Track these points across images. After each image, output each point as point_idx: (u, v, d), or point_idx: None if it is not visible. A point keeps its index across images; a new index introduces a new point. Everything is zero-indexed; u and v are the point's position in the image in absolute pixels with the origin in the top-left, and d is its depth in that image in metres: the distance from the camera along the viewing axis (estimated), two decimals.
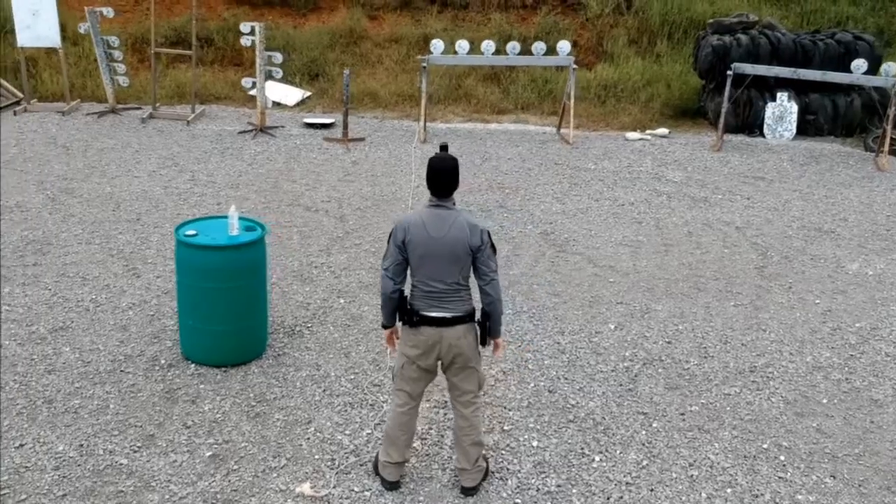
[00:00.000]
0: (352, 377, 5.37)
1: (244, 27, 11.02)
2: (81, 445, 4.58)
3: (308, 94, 13.84)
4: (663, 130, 11.93)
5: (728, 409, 5.19)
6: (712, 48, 11.91)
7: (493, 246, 4.08)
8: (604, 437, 4.85)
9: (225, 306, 5.31)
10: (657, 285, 6.92)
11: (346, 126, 11.14)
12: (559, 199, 8.98)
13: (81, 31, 11.71)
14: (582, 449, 4.74)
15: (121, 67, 11.85)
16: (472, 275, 4.13)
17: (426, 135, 11.48)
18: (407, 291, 4.14)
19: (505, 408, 5.10)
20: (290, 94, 13.61)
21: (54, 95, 12.56)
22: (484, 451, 4.48)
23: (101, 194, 8.59)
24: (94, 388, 5.13)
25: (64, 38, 12.52)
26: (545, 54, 11.42)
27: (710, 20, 13.21)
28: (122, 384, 5.17)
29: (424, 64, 11.30)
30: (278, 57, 11.21)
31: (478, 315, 4.18)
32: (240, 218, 5.48)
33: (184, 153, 10.14)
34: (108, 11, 11.56)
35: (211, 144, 10.59)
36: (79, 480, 4.31)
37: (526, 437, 4.82)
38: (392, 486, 4.32)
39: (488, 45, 11.44)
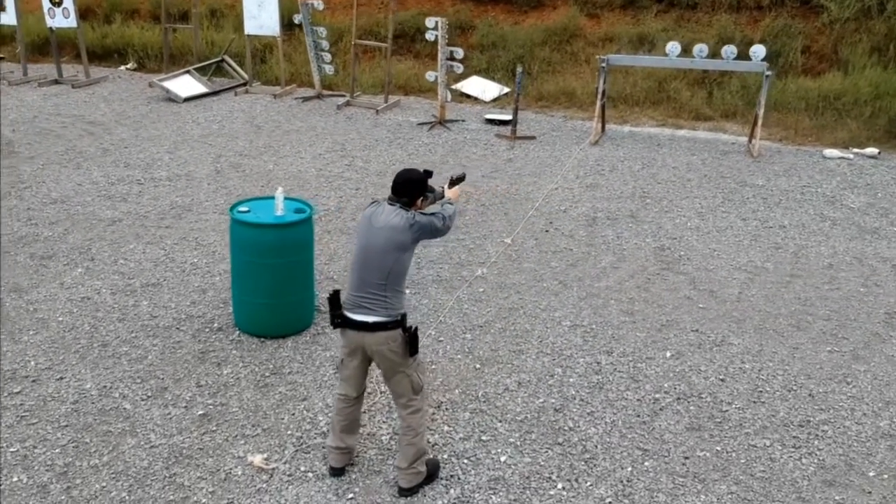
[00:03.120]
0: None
1: (429, 22, 11.40)
2: (104, 387, 5.14)
3: (507, 90, 13.98)
4: (872, 150, 10.59)
5: (742, 461, 4.62)
6: None
7: (431, 225, 4.00)
8: (582, 466, 4.55)
9: (267, 281, 5.65)
10: (751, 317, 6.26)
11: (514, 123, 11.15)
12: (700, 215, 8.37)
13: (296, 21, 12.76)
14: (550, 474, 4.49)
15: (327, 56, 12.76)
16: (405, 277, 4.07)
17: (600, 137, 11.16)
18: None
19: (496, 418, 4.95)
20: (488, 90, 13.84)
21: (277, 80, 13.81)
22: (429, 456, 4.40)
23: (260, 171, 9.39)
24: (145, 340, 5.71)
25: (290, 28, 13.71)
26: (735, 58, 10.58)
27: None
28: (170, 340, 5.71)
29: (603, 64, 10.97)
30: (459, 52, 11.48)
31: (409, 322, 4.09)
32: (290, 199, 5.79)
33: (356, 140, 10.75)
34: (318, 4, 12.49)
35: (386, 133, 11.11)
36: (84, 416, 4.86)
37: (498, 450, 4.65)
38: (334, 471, 4.40)
39: (701, 50, 10.76)
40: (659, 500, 4.29)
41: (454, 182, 4.69)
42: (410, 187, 4.05)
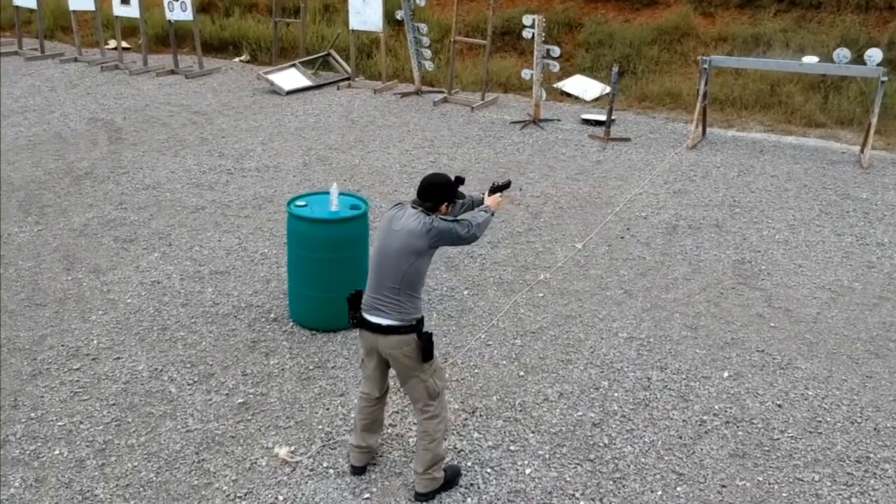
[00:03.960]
0: None
1: (526, 20, 11.28)
2: (155, 370, 5.35)
3: (609, 90, 13.65)
4: None
5: (784, 495, 4.34)
6: None
7: (452, 231, 3.92)
8: (609, 486, 4.39)
9: (320, 275, 5.73)
10: (826, 340, 5.88)
11: (608, 124, 10.89)
12: (791, 228, 7.93)
13: (398, 17, 12.88)
14: (574, 491, 4.35)
15: (427, 52, 12.83)
16: (423, 281, 4.02)
17: (699, 141, 10.75)
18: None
19: (530, 429, 4.84)
20: (589, 89, 13.58)
21: (381, 75, 13.99)
22: (448, 463, 4.34)
23: (346, 165, 9.55)
24: (203, 326, 5.90)
25: (399, 23, 13.82)
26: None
27: None
28: (225, 327, 5.88)
29: (705, 65, 10.54)
30: (556, 50, 11.30)
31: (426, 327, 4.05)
32: (346, 195, 5.85)
33: (446, 137, 10.76)
34: (421, 0, 12.55)
35: (477, 131, 11.07)
36: (131, 396, 5.07)
37: (525, 462, 4.55)
38: (355, 470, 4.41)
39: (843, 54, 10.18)
40: None
41: (496, 189, 4.59)
42: (435, 192, 3.99)
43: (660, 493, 4.33)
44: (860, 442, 4.76)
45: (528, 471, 4.47)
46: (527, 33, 11.36)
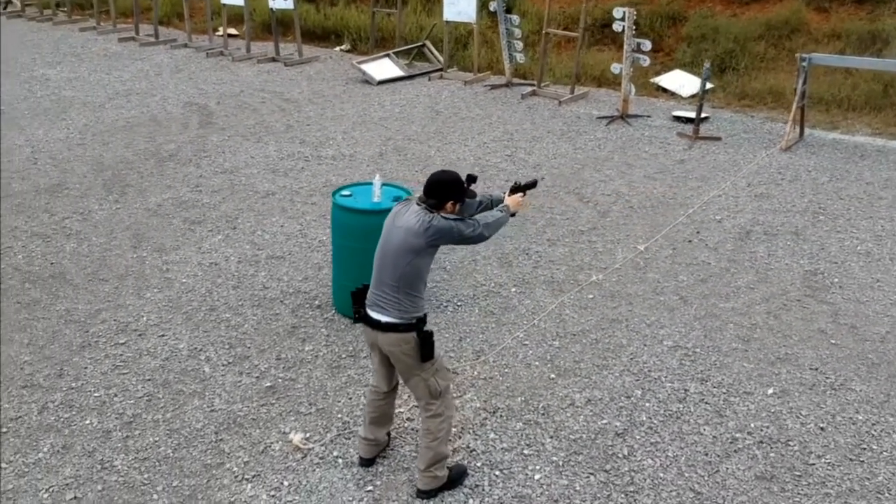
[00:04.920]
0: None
1: (616, 12, 10.99)
2: (195, 349, 5.53)
3: (710, 86, 13.16)
4: None
5: None
6: None
7: (454, 230, 3.85)
8: (620, 499, 4.25)
9: (360, 265, 5.74)
10: (890, 363, 5.49)
11: (697, 122, 10.50)
12: (878, 239, 7.45)
13: (491, 9, 12.81)
14: (582, 501, 4.23)
15: (518, 45, 12.71)
16: (424, 280, 3.97)
17: (795, 143, 10.23)
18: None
19: (548, 434, 4.73)
20: (687, 85, 13.14)
21: (474, 65, 13.94)
22: (452, 462, 4.30)
23: (421, 156, 9.58)
24: (248, 309, 6.06)
25: (494, 15, 13.77)
26: None
27: None
28: (269, 312, 6.02)
29: (804, 63, 10.00)
30: (647, 44, 10.97)
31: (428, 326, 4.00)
32: (390, 185, 5.86)
33: (528, 130, 10.64)
34: None
35: (561, 126, 10.90)
36: (167, 373, 5.26)
37: (536, 468, 4.45)
38: (363, 462, 4.43)
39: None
40: None
41: (519, 189, 4.46)
42: (439, 189, 3.92)
43: None
44: None
45: (537, 476, 4.36)
46: (617, 26, 11.07)
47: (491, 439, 4.65)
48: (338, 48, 16.05)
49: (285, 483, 4.28)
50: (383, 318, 3.89)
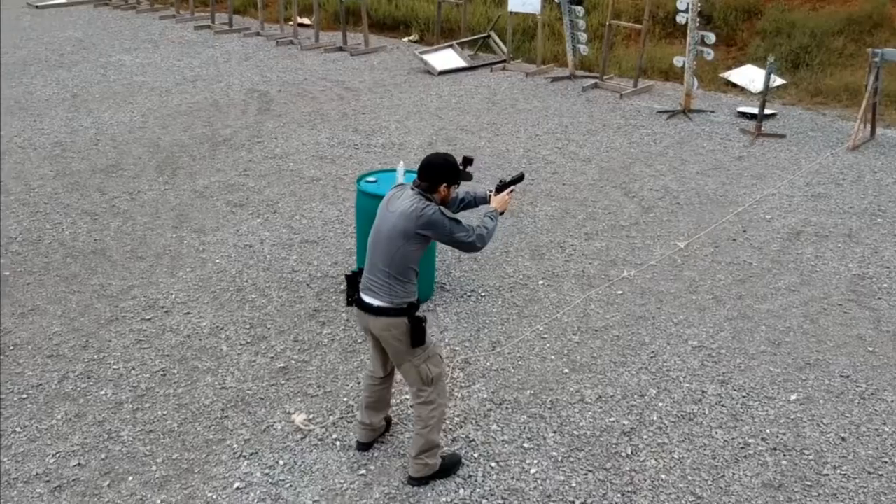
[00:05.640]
0: (456, 350, 5.39)
1: (680, 4, 10.70)
2: (216, 327, 5.64)
3: (782, 82, 12.74)
4: None
5: None
6: None
7: (447, 224, 3.80)
8: (616, 498, 4.15)
9: None
10: None
11: (760, 119, 10.15)
12: None
13: (556, 0, 12.64)
14: (575, 498, 4.15)
15: (583, 36, 12.51)
16: (415, 266, 3.93)
17: (864, 142, 9.80)
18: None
19: (552, 429, 4.65)
20: (757, 80, 12.70)
21: (537, 57, 13.81)
22: (445, 451, 4.27)
23: (470, 147, 9.53)
24: (274, 291, 6.15)
25: (552, 6, 13.63)
26: None
27: None
28: (294, 294, 6.09)
29: (876, 59, 9.55)
30: (711, 37, 10.66)
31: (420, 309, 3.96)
32: (412, 172, 5.83)
33: (584, 123, 10.48)
34: None
35: (618, 119, 10.70)
36: (185, 350, 5.38)
37: (533, 461, 4.39)
38: (360, 446, 4.44)
39: None
40: None
41: (505, 185, 4.32)
42: (432, 171, 3.88)
43: None
44: None
45: (533, 471, 4.29)
46: (680, 18, 10.77)
47: (492, 431, 4.59)
48: (406, 38, 16.09)
49: (280, 462, 4.32)
50: (375, 302, 3.88)
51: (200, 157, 9.04)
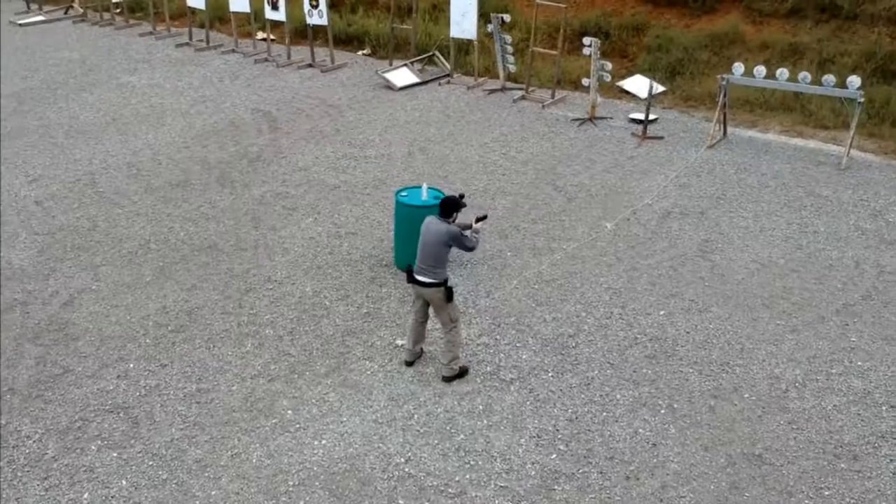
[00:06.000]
0: (466, 297, 9.02)
1: (585, 40, 14.49)
2: (316, 291, 9.14)
3: (663, 89, 16.69)
4: None
5: (666, 377, 7.78)
6: None
7: (461, 238, 7.41)
8: (567, 366, 7.91)
9: (413, 238, 9.35)
10: (738, 295, 9.12)
11: (645, 126, 14.05)
12: (756, 217, 11.01)
13: (488, 29, 16.28)
14: (548, 367, 7.89)
15: (510, 58, 16.20)
16: (447, 259, 7.52)
17: (718, 141, 13.78)
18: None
19: (530, 336, 8.38)
20: (644, 88, 16.61)
21: (474, 72, 17.38)
22: (463, 363, 7.82)
23: (439, 156, 13.13)
24: (342, 267, 9.65)
25: (489, 34, 17.22)
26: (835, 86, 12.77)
27: None
28: (355, 268, 9.62)
29: (723, 83, 13.56)
30: (608, 65, 14.46)
31: (451, 282, 7.59)
32: (432, 188, 9.46)
33: (518, 132, 14.17)
34: (507, 17, 15.90)
35: (542, 127, 14.43)
36: (303, 305, 8.86)
37: (522, 353, 8.09)
38: (407, 364, 7.94)
39: (782, 73, 13.19)
40: (594, 393, 7.58)
41: (480, 219, 7.93)
42: (448, 208, 7.44)
43: (596, 372, 7.82)
44: (728, 355, 8.09)
45: (524, 356, 8.03)
46: (586, 51, 14.56)
47: (497, 339, 8.31)
48: (360, 52, 19.45)
49: (386, 363, 7.94)
50: (426, 280, 7.43)
51: (245, 171, 12.39)
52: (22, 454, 6.54)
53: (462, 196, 7.54)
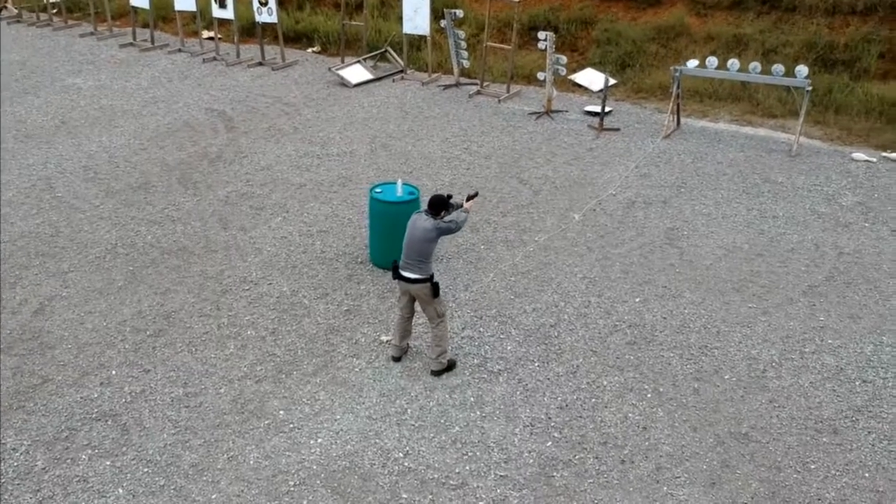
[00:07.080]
0: (445, 292, 9.07)
1: (540, 35, 14.64)
2: (294, 290, 9.08)
3: (614, 82, 16.97)
4: None
5: (649, 363, 7.95)
6: None
7: (448, 227, 7.45)
8: (552, 356, 8.02)
9: (389, 234, 9.37)
10: (708, 280, 9.36)
11: (602, 118, 14.28)
12: (716, 204, 11.31)
13: (441, 25, 16.32)
14: (533, 357, 7.99)
15: (464, 53, 16.27)
16: (433, 254, 7.58)
17: (673, 131, 14.09)
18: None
19: (512, 327, 8.48)
20: (595, 81, 16.89)
21: (428, 68, 17.42)
22: (451, 356, 7.89)
23: (402, 152, 13.14)
24: (317, 266, 9.59)
25: (440, 29, 17.27)
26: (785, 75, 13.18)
27: None
28: (331, 266, 9.58)
29: (677, 74, 13.86)
30: (563, 59, 14.64)
31: (436, 277, 7.64)
32: (406, 184, 9.48)
33: (477, 126, 14.26)
34: (459, 13, 15.97)
35: (501, 121, 14.55)
36: (282, 305, 8.79)
37: (507, 344, 8.18)
38: (394, 359, 7.97)
39: (733, 64, 13.55)
40: (580, 380, 7.73)
41: (471, 197, 8.04)
42: (438, 205, 7.50)
43: (580, 360, 7.95)
44: (705, 338, 8.33)
45: (508, 347, 8.13)
46: (541, 45, 14.73)
47: (480, 331, 8.39)
48: (310, 49, 19.30)
49: (372, 360, 7.95)
50: (413, 276, 7.45)
51: (206, 172, 12.22)
52: (10, 467, 6.37)
53: (450, 197, 7.59)
